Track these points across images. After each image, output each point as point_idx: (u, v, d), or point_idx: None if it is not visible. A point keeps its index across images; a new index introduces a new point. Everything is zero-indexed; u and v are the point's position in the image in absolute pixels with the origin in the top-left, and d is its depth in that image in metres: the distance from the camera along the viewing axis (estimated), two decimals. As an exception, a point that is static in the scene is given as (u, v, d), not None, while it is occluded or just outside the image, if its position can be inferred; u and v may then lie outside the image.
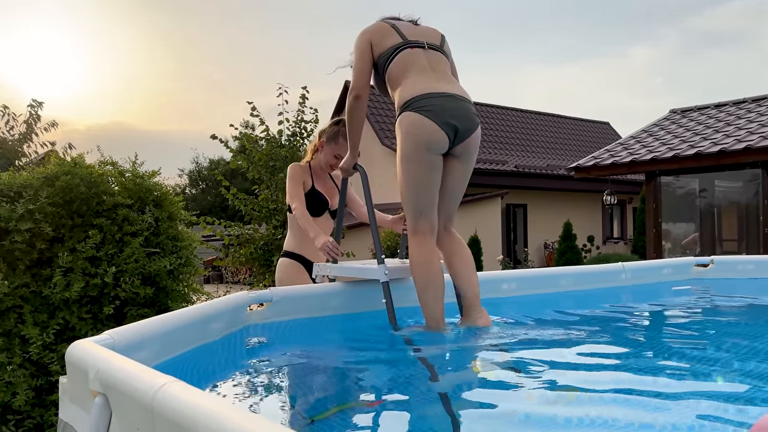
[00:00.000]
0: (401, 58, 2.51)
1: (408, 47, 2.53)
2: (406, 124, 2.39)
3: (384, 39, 2.56)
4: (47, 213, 2.97)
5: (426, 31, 2.67)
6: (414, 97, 2.38)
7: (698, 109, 11.53)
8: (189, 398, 0.93)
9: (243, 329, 2.29)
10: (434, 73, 2.49)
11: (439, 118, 2.34)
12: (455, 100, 2.41)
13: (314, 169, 3.34)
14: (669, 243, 10.23)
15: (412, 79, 2.45)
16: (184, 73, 57.60)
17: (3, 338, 2.85)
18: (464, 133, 2.41)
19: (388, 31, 2.57)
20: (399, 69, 2.50)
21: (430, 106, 2.35)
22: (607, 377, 1.77)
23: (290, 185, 3.20)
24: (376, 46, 2.56)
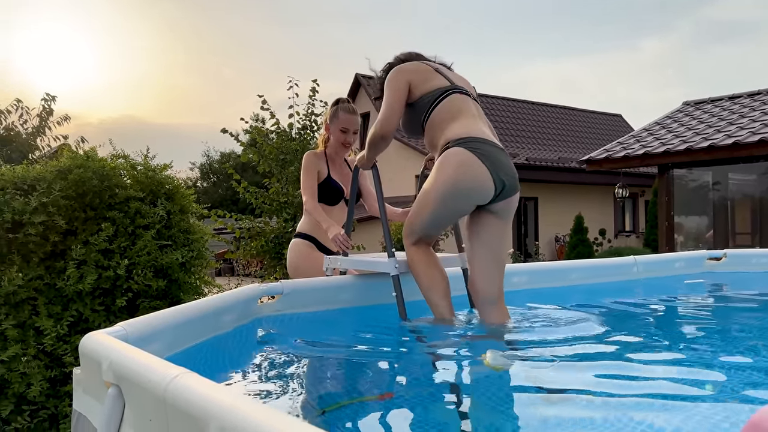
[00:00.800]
0: (453, 102, 2.40)
1: (457, 92, 2.43)
2: (458, 160, 2.24)
3: (428, 80, 2.45)
4: (60, 206, 3.00)
5: (464, 78, 2.58)
6: (470, 137, 2.27)
7: (712, 101, 11.41)
8: (201, 389, 0.94)
9: (254, 321, 2.30)
10: (483, 124, 2.41)
11: (493, 167, 2.24)
12: (506, 156, 2.33)
13: (330, 156, 3.32)
14: (681, 236, 10.16)
15: (464, 122, 2.35)
16: (195, 67, 57.75)
17: (18, 330, 2.88)
18: (509, 190, 2.33)
19: (432, 73, 2.47)
20: (450, 112, 2.38)
21: (486, 152, 2.25)
22: (614, 371, 1.76)
23: (303, 176, 3.20)
24: (416, 87, 2.44)
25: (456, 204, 2.29)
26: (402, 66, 2.49)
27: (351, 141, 3.30)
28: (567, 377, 1.68)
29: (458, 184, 2.24)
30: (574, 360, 1.87)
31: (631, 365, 1.79)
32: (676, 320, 2.62)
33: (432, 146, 2.46)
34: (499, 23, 59.02)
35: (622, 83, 63.99)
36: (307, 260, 3.22)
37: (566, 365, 1.80)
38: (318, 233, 3.25)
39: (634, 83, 65.00)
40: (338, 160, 3.35)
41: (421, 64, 2.52)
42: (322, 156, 3.31)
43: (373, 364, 2.03)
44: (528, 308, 2.77)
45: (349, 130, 3.28)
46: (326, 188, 3.24)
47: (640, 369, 1.75)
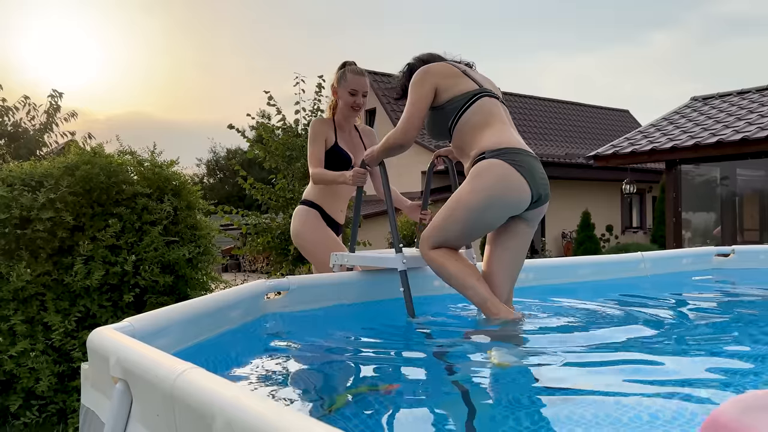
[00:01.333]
0: (483, 107, 2.31)
1: (486, 95, 2.35)
2: (498, 173, 2.17)
3: (456, 84, 2.35)
4: (68, 202, 3.01)
5: (489, 79, 2.50)
6: (507, 148, 2.19)
7: (720, 96, 11.34)
8: (208, 385, 0.94)
9: (261, 317, 2.31)
10: (514, 130, 2.35)
11: (532, 179, 2.19)
12: (539, 164, 2.27)
13: (338, 123, 3.21)
14: (689, 232, 10.12)
15: (497, 129, 2.27)
16: (203, 63, 57.83)
17: (26, 325, 2.90)
18: (544, 199, 2.29)
19: (459, 76, 2.37)
20: (481, 117, 2.30)
21: (525, 164, 2.18)
22: (622, 368, 1.75)
23: (310, 144, 3.11)
24: (444, 91, 2.35)
25: (492, 216, 2.22)
26: (429, 67, 2.39)
27: (361, 103, 3.17)
28: (574, 375, 1.68)
29: (498, 196, 2.17)
30: (581, 357, 1.87)
31: (639, 362, 1.79)
32: (684, 317, 2.60)
33: (461, 152, 2.39)
34: (506, 18, 58.84)
35: (630, 78, 63.71)
36: (311, 228, 3.14)
37: (573, 363, 1.79)
38: (324, 202, 3.18)
39: (641, 78, 64.70)
40: (347, 126, 3.23)
41: (447, 65, 2.42)
42: (330, 123, 3.19)
43: (380, 359, 2.03)
44: (535, 305, 2.77)
45: (358, 92, 3.15)
46: (333, 156, 3.13)
47: (649, 367, 1.74)
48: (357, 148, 3.25)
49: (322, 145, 3.11)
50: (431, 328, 2.37)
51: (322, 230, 3.13)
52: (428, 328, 2.38)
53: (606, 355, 1.91)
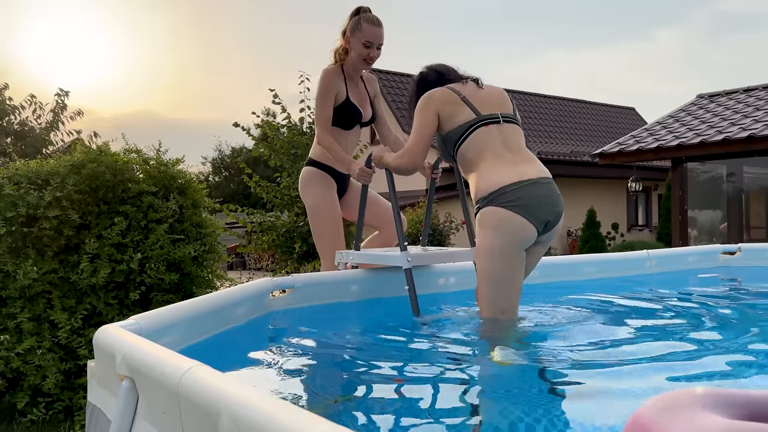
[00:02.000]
0: (475, 140, 2.28)
1: (483, 124, 2.29)
2: (496, 220, 2.14)
3: (455, 113, 2.32)
4: (74, 200, 3.02)
5: (495, 96, 2.42)
6: (498, 190, 2.15)
7: (726, 93, 11.29)
8: (214, 382, 0.94)
9: (266, 315, 2.31)
10: (511, 154, 2.26)
11: (532, 214, 2.13)
12: (541, 187, 2.19)
13: (347, 74, 3.01)
14: (695, 230, 10.08)
15: (489, 165, 2.23)
16: (208, 61, 57.90)
17: (33, 323, 2.91)
18: (554, 223, 2.25)
19: (458, 105, 2.33)
20: (472, 154, 2.28)
21: (520, 200, 2.13)
22: (626, 367, 1.75)
23: (319, 101, 2.93)
24: (444, 121, 2.34)
25: (513, 255, 2.17)
26: (431, 95, 2.37)
27: (375, 56, 2.96)
28: (577, 373, 1.68)
29: (505, 237, 2.14)
30: (585, 356, 1.87)
31: (643, 360, 1.78)
32: (690, 315, 2.60)
33: (467, 181, 2.39)
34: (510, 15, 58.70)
35: (636, 76, 63.46)
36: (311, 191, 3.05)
37: (577, 361, 1.79)
38: (328, 159, 3.05)
39: (647, 76, 64.45)
40: (355, 77, 3.04)
41: (448, 91, 2.36)
42: (340, 74, 2.98)
43: (385, 357, 2.03)
44: (540, 304, 2.76)
45: (373, 45, 2.93)
46: (343, 112, 2.97)
47: (654, 364, 1.74)
48: (364, 99, 3.09)
49: (332, 103, 2.93)
50: (436, 326, 2.37)
51: (321, 193, 3.02)
52: (433, 325, 2.38)
53: (610, 353, 1.90)
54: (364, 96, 3.11)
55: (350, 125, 3.02)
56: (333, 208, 3.03)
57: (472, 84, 2.43)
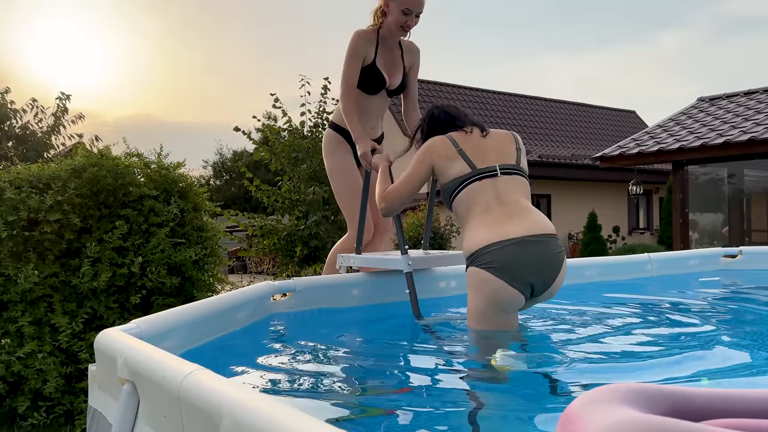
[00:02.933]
0: (466, 197, 2.21)
1: (476, 180, 2.21)
2: (474, 281, 2.11)
3: (449, 166, 2.26)
4: (75, 204, 3.02)
5: (498, 143, 2.33)
6: (478, 250, 2.09)
7: (727, 96, 11.29)
8: (215, 386, 0.94)
9: (267, 318, 2.31)
10: (502, 209, 2.15)
11: (511, 276, 2.04)
12: (528, 246, 2.07)
13: (382, 37, 2.90)
14: (696, 233, 10.07)
15: (475, 223, 2.16)
16: (211, 65, 57.98)
17: (34, 327, 2.91)
18: (543, 284, 2.12)
19: (454, 158, 2.25)
20: (463, 209, 2.22)
21: (497, 261, 2.04)
22: (629, 372, 1.75)
23: (346, 63, 2.85)
24: (441, 174, 2.29)
25: (493, 317, 2.11)
26: (431, 146, 2.31)
27: (412, 25, 2.85)
28: (578, 376, 1.67)
29: (482, 298, 2.10)
30: (586, 360, 1.86)
31: (646, 366, 1.78)
32: (691, 319, 2.59)
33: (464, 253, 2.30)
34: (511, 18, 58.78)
35: (637, 79, 63.49)
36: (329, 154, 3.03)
37: (578, 366, 1.79)
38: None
39: (648, 79, 64.47)
40: (390, 42, 2.92)
41: (448, 143, 2.29)
42: (374, 37, 2.87)
43: (386, 361, 2.03)
44: (541, 307, 2.76)
45: (412, 12, 2.80)
46: (368, 75, 2.87)
47: (655, 370, 1.73)
48: (396, 67, 2.97)
49: (359, 67, 2.84)
50: (437, 330, 2.37)
51: (338, 157, 2.99)
52: (434, 329, 2.38)
53: (611, 356, 1.90)
54: (397, 64, 2.98)
55: (373, 90, 2.91)
56: (348, 174, 3.01)
57: (476, 132, 2.34)
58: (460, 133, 2.34)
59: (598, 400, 0.64)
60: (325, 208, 7.25)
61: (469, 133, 2.33)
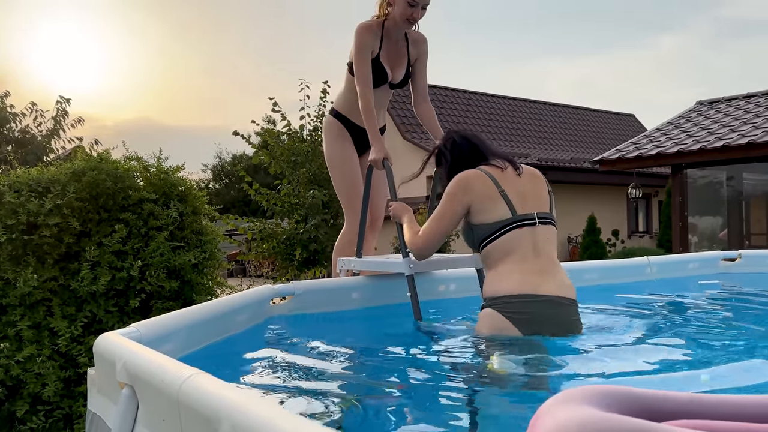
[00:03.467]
0: (503, 244, 2.08)
1: (517, 227, 2.09)
2: (488, 323, 2.05)
3: (489, 208, 2.10)
4: (74, 208, 3.02)
5: (535, 188, 2.20)
6: (506, 296, 2.02)
7: (726, 100, 11.31)
8: (214, 390, 0.94)
9: (266, 322, 2.31)
10: (537, 260, 2.08)
11: (529, 329, 1.99)
12: (554, 306, 2.03)
13: (387, 30, 2.82)
14: (695, 237, 10.08)
15: (508, 269, 2.07)
16: (211, 69, 58.03)
17: (33, 331, 2.91)
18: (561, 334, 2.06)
19: (496, 200, 2.10)
20: (500, 253, 2.09)
21: (522, 314, 2.00)
22: (627, 377, 1.75)
23: (356, 60, 2.78)
24: (477, 213, 2.13)
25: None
26: (469, 183, 2.14)
27: (418, 17, 2.76)
28: (576, 382, 1.67)
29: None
30: (584, 363, 1.86)
31: (644, 369, 1.78)
32: (690, 322, 2.59)
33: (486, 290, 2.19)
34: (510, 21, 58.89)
35: (636, 82, 63.58)
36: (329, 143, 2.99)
37: (575, 368, 1.79)
38: (350, 112, 2.93)
39: (647, 82, 64.56)
40: (395, 33, 2.84)
41: (488, 182, 2.13)
42: (378, 31, 2.79)
43: (387, 364, 2.02)
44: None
45: (418, 4, 2.72)
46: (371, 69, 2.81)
47: (654, 375, 1.73)
48: (400, 60, 2.89)
49: (369, 60, 2.76)
50: (438, 332, 2.37)
51: (336, 146, 2.96)
52: (435, 331, 2.37)
53: (609, 362, 1.90)
54: (401, 56, 2.90)
55: (376, 84, 2.83)
56: (346, 162, 2.97)
57: (510, 170, 2.20)
58: (495, 169, 2.19)
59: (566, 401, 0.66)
60: (324, 212, 7.25)
61: (504, 170, 2.19)
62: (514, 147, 18.62)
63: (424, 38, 3.00)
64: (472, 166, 2.22)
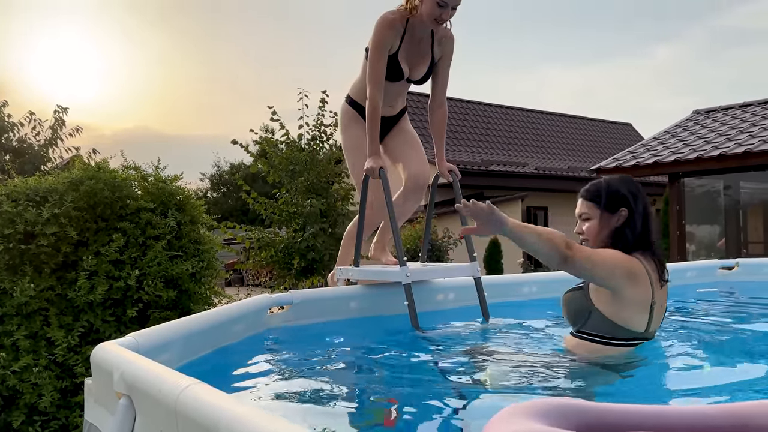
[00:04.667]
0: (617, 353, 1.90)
1: (636, 344, 1.93)
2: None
3: (630, 312, 1.89)
4: (72, 217, 3.02)
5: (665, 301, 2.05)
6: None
7: (722, 109, 11.35)
8: (212, 400, 0.94)
9: (264, 332, 2.30)
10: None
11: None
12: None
13: (411, 25, 2.67)
14: (693, 245, 10.09)
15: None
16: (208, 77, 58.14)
17: (29, 340, 2.89)
18: None
19: (643, 308, 1.91)
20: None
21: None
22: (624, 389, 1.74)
23: (371, 56, 2.67)
24: (609, 303, 1.90)
25: None
26: (634, 273, 1.88)
27: (446, 18, 2.61)
28: (572, 394, 1.67)
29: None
30: (576, 376, 1.86)
31: (641, 381, 1.78)
32: (687, 332, 2.59)
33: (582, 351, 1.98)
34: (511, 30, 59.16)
35: (633, 92, 63.81)
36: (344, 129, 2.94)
37: (567, 383, 1.79)
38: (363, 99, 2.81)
39: (644, 92, 64.81)
40: (419, 32, 2.69)
41: (647, 285, 1.90)
42: (401, 27, 2.65)
43: (384, 373, 2.02)
44: (539, 320, 2.76)
45: (448, 5, 2.56)
46: (388, 65, 2.68)
47: (650, 386, 1.73)
48: (422, 58, 2.74)
49: (385, 58, 2.65)
50: (435, 341, 2.37)
51: (354, 133, 2.88)
52: (432, 340, 2.37)
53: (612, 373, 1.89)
54: (424, 55, 2.75)
55: (392, 79, 2.72)
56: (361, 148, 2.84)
57: (656, 276, 1.95)
58: (656, 274, 1.94)
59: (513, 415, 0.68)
60: (322, 221, 7.26)
61: (659, 281, 1.96)
62: (510, 156, 18.66)
63: (452, 36, 2.84)
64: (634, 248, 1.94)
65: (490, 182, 15.46)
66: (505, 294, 2.96)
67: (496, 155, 18.27)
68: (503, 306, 2.84)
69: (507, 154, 18.71)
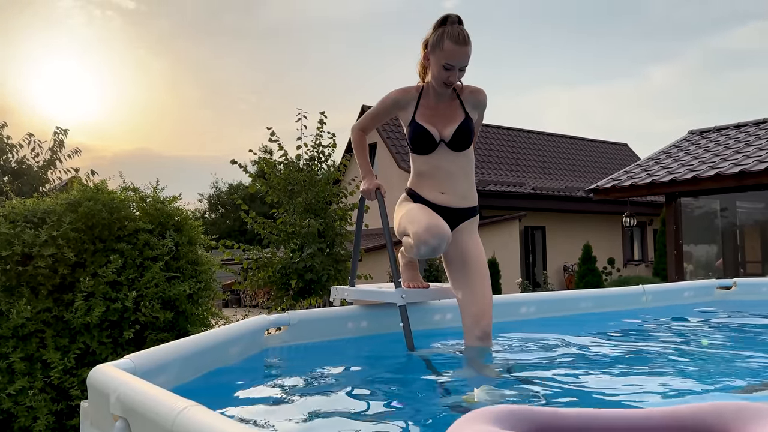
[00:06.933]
0: None
1: None
2: None
3: None
4: (70, 238, 3.02)
5: None
6: None
7: (717, 129, 11.44)
8: (209, 422, 0.94)
9: (261, 353, 2.30)
10: None
11: None
12: None
13: (425, 93, 2.59)
14: (691, 265, 10.10)
15: None
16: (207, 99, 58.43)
17: (25, 363, 2.88)
18: None
19: None
20: None
21: None
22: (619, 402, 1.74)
23: (373, 109, 2.67)
24: None
25: None
26: None
27: (454, 81, 2.51)
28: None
29: None
30: (580, 389, 1.86)
31: (627, 399, 1.77)
32: (685, 351, 2.59)
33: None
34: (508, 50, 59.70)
35: (629, 112, 64.22)
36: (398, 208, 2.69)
37: (569, 397, 1.78)
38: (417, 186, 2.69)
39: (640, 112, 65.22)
40: (435, 97, 2.59)
41: None
42: (415, 92, 2.59)
43: (380, 395, 2.01)
44: (536, 339, 2.75)
45: (454, 68, 2.45)
46: (411, 132, 2.57)
47: (637, 402, 1.73)
48: (450, 117, 2.57)
49: (380, 115, 2.67)
50: (431, 362, 2.36)
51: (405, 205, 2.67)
52: (427, 361, 2.36)
53: (605, 393, 1.89)
54: (451, 114, 2.59)
55: (425, 148, 2.55)
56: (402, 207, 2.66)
57: None
58: None
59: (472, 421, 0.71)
60: (320, 241, 7.26)
61: None
62: (508, 176, 18.73)
63: (479, 90, 2.69)
64: None
65: (489, 202, 15.50)
66: (503, 314, 2.96)
67: (494, 175, 18.34)
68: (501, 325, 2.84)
69: (505, 174, 18.79)
